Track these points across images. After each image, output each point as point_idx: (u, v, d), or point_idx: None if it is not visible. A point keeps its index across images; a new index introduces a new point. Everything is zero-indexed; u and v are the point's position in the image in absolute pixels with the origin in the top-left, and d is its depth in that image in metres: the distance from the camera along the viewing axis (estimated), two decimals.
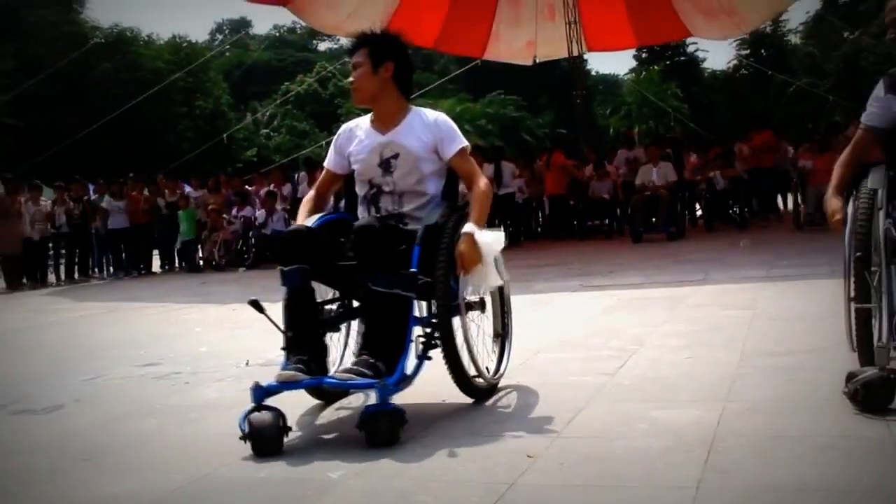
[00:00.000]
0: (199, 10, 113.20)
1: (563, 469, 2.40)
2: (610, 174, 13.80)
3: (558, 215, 14.28)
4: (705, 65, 55.91)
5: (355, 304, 3.38)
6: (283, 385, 2.89)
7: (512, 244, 8.63)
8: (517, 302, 3.89)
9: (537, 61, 18.75)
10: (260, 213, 14.00)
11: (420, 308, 3.23)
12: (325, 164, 3.56)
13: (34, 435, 3.30)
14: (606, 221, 13.96)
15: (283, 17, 48.73)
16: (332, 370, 3.14)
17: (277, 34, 57.30)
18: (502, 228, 3.55)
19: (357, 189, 3.42)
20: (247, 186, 15.65)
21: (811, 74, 43.09)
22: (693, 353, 3.86)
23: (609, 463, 2.42)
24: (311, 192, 3.55)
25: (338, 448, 2.79)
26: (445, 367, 3.13)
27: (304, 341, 3.07)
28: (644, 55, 53.43)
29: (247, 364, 4.45)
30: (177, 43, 41.97)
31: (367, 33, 3.50)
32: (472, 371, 3.21)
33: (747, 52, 50.28)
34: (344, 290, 3.34)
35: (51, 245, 14.09)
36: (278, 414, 2.81)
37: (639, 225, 12.01)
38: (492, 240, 3.17)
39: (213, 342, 5.48)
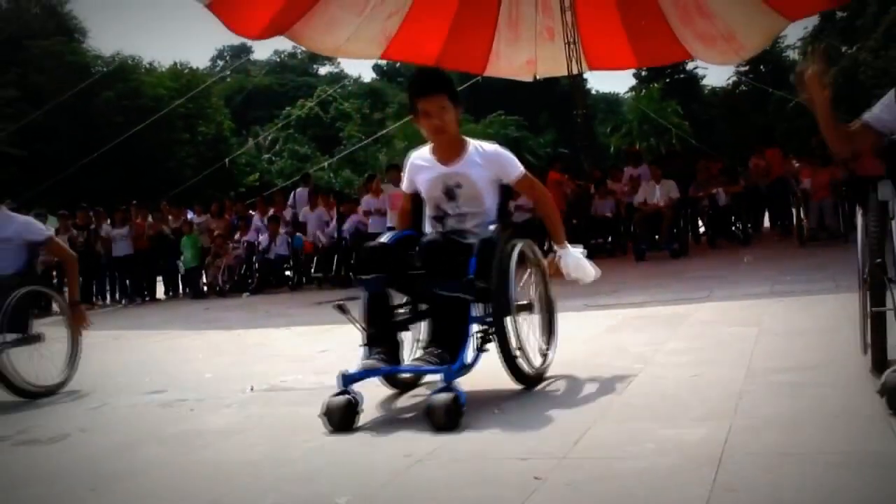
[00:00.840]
0: (199, 38, 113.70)
1: (570, 490, 2.39)
2: (614, 192, 13.81)
3: None
4: (705, 82, 56.10)
5: (422, 307, 3.92)
6: (366, 373, 3.52)
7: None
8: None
9: (538, 78, 18.83)
10: (263, 238, 14.04)
11: (478, 308, 3.72)
12: (403, 188, 4.25)
13: (40, 465, 3.29)
14: (609, 239, 13.96)
15: (284, 43, 49.04)
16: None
17: (278, 59, 57.67)
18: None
19: (427, 210, 4.05)
20: (250, 211, 15.71)
21: None
22: (699, 370, 3.84)
23: (617, 483, 2.41)
24: (398, 218, 4.35)
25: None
26: (499, 358, 3.67)
27: (381, 338, 3.68)
28: (644, 73, 53.62)
29: (251, 390, 4.44)
30: (178, 70, 42.24)
31: (439, 76, 4.18)
32: (523, 364, 3.77)
33: (746, 68, 50.42)
34: (413, 295, 3.92)
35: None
36: (354, 398, 3.35)
37: (642, 243, 12.02)
38: (577, 253, 4.13)
39: (217, 368, 5.47)
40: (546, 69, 17.93)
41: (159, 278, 14.99)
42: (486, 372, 4.21)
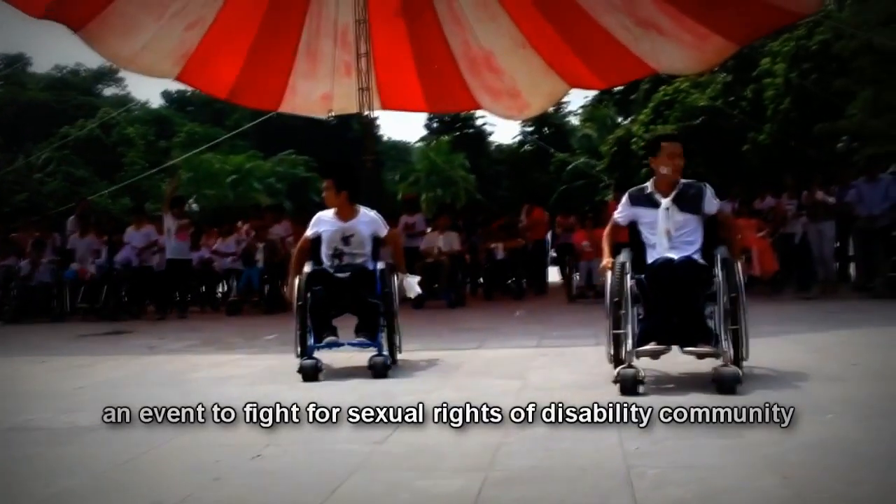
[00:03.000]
0: None
1: None
2: None
3: None
4: (493, 138, 58.29)
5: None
6: (328, 344, 5.67)
7: None
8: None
9: (332, 115, 18.84)
10: (24, 264, 13.08)
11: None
12: (308, 234, 6.29)
13: None
14: None
15: (66, 58, 46.47)
16: None
17: (59, 74, 54.45)
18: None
19: (325, 248, 6.17)
20: (12, 234, 14.57)
21: (588, 154, 45.97)
22: (460, 422, 3.92)
23: None
24: (297, 250, 6.44)
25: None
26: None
27: (326, 327, 5.76)
28: (435, 125, 55.07)
29: None
30: None
31: (334, 166, 6.66)
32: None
33: (532, 129, 52.98)
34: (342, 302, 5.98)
35: None
36: (318, 362, 5.58)
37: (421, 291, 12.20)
38: (412, 279, 6.46)
39: None
40: (341, 106, 17.96)
41: None
42: (250, 415, 4.11)
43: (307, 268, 6.00)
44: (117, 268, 12.66)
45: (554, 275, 18.36)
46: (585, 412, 4.00)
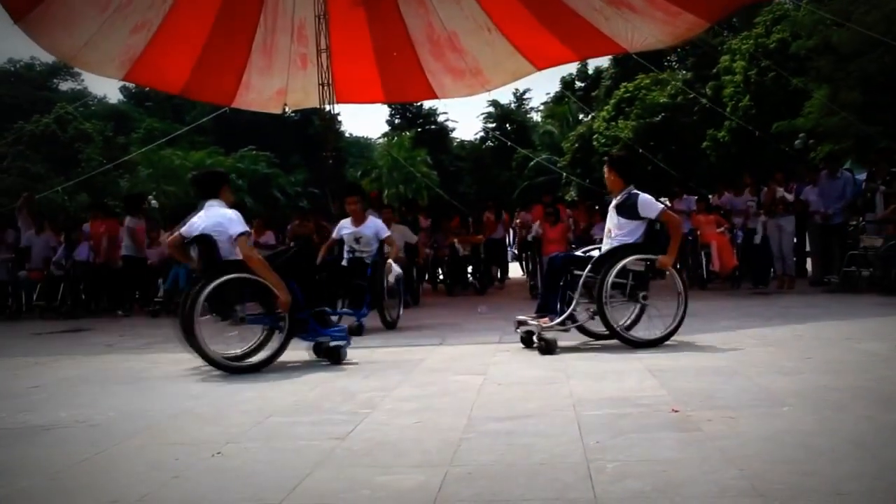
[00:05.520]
0: None
1: None
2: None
3: None
4: (454, 134, 58.44)
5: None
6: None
7: None
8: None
9: (287, 110, 18.79)
10: None
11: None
12: (334, 236, 8.91)
13: None
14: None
15: (21, 52, 45.65)
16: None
17: (13, 69, 53.48)
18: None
19: (345, 246, 8.69)
20: None
21: (550, 150, 46.17)
22: (422, 417, 3.93)
23: None
24: (325, 247, 8.92)
25: None
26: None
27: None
28: (397, 121, 55.04)
29: None
30: None
31: (356, 187, 11.18)
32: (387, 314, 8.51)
33: (494, 125, 53.12)
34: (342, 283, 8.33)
35: None
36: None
37: None
38: (395, 266, 8.88)
39: None
40: (296, 101, 17.94)
41: None
42: (210, 413, 4.09)
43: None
44: (74, 264, 12.49)
45: (515, 270, 18.49)
46: (546, 407, 4.03)
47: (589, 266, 6.26)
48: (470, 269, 14.67)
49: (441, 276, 15.43)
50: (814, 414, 3.64)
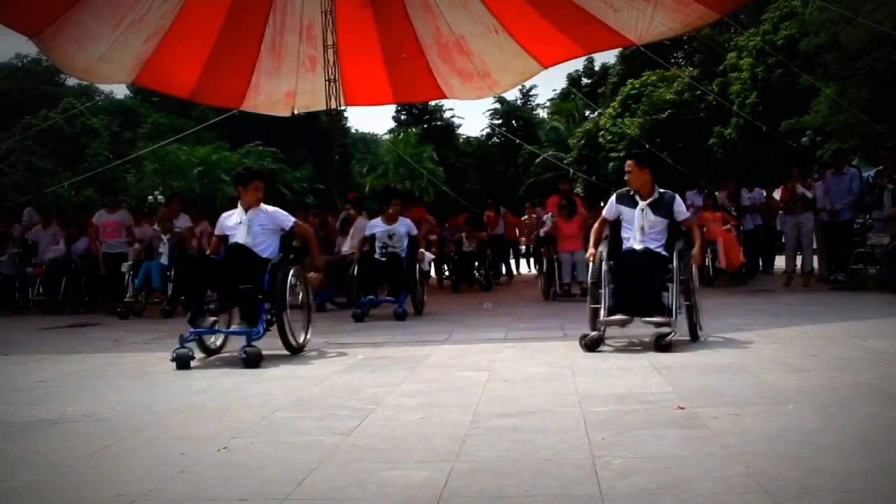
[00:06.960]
0: None
1: None
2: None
3: None
4: (461, 131, 58.40)
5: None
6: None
7: None
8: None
9: (296, 112, 18.78)
10: None
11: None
12: (366, 233, 9.81)
13: None
14: None
15: (29, 47, 45.74)
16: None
17: (20, 64, 53.59)
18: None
19: (377, 243, 9.69)
20: None
21: (557, 147, 46.11)
22: (427, 413, 3.93)
23: None
24: (359, 243, 9.88)
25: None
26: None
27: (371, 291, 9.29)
28: (403, 117, 54.99)
29: None
30: None
31: (397, 191, 11.76)
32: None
33: (500, 122, 53.02)
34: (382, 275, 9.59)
35: None
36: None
37: None
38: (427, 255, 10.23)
39: None
40: (304, 103, 17.93)
41: None
42: (216, 408, 4.10)
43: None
44: (75, 259, 12.42)
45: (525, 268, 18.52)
46: (551, 403, 4.03)
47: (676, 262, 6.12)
48: (476, 264, 14.65)
49: (447, 273, 15.41)
50: (819, 411, 3.64)
